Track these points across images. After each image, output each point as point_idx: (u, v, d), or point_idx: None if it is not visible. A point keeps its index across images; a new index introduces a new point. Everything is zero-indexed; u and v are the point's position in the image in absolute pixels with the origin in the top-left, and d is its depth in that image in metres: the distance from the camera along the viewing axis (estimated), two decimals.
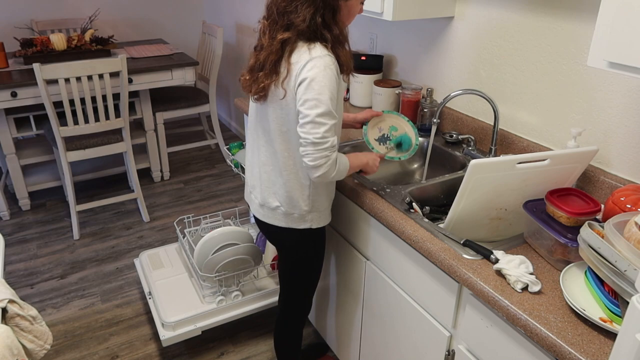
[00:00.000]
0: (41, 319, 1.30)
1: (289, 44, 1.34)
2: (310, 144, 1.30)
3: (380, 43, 2.30)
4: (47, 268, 2.71)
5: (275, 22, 1.35)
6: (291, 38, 1.33)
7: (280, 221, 1.54)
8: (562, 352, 0.97)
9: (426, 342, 1.43)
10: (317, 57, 1.31)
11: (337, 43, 1.37)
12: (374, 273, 1.61)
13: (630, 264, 0.94)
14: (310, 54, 1.32)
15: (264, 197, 1.53)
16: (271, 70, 1.36)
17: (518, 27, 1.64)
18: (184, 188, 3.56)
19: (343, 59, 1.38)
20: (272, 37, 1.35)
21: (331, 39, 1.35)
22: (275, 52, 1.34)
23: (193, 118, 4.48)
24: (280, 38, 1.33)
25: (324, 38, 1.34)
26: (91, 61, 2.64)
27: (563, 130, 1.58)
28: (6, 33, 3.72)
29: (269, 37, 1.36)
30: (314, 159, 1.31)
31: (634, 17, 0.97)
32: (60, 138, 2.70)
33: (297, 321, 1.79)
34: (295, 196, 1.48)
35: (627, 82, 1.37)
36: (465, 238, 1.29)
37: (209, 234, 2.04)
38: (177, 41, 4.29)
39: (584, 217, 1.18)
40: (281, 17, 1.34)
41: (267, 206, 1.54)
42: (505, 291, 1.11)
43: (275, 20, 1.35)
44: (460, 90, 1.63)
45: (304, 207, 1.50)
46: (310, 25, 1.31)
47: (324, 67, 1.30)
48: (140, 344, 2.23)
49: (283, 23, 1.34)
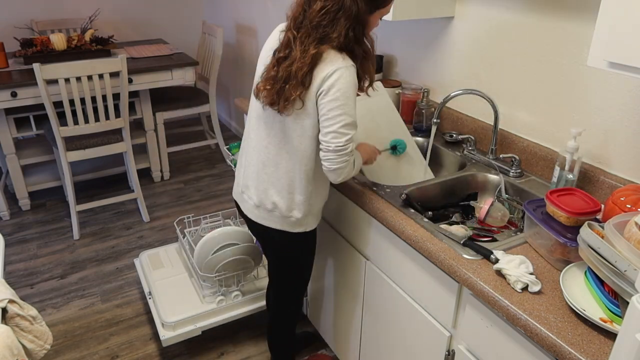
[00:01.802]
0: (41, 319, 1.30)
1: (318, 57, 1.32)
2: (331, 151, 1.34)
3: (380, 43, 2.30)
4: (47, 268, 2.71)
5: (308, 35, 1.32)
6: (322, 53, 1.32)
7: (276, 224, 1.54)
8: (562, 352, 0.97)
9: (426, 342, 1.43)
10: (343, 67, 1.31)
11: (365, 58, 1.38)
12: (374, 273, 1.61)
13: (630, 264, 0.94)
14: (335, 64, 1.31)
15: (260, 198, 1.53)
16: (301, 82, 1.33)
17: (518, 27, 1.64)
18: (184, 188, 3.56)
19: (369, 75, 1.40)
20: (305, 49, 1.32)
21: (361, 53, 1.36)
22: (308, 65, 1.31)
23: (193, 118, 4.47)
24: (314, 52, 1.31)
25: (354, 53, 1.34)
26: (91, 61, 2.64)
27: (563, 130, 1.58)
28: (6, 33, 3.72)
29: (300, 50, 1.32)
30: (335, 163, 1.36)
31: (634, 17, 0.97)
32: (60, 138, 2.70)
33: (290, 320, 1.81)
34: (295, 199, 1.49)
35: (627, 82, 1.37)
36: (465, 238, 1.29)
37: (209, 234, 2.04)
38: (177, 41, 4.29)
39: (584, 217, 1.18)
40: (315, 30, 1.31)
41: (264, 207, 1.53)
42: (505, 291, 1.11)
43: (308, 33, 1.32)
44: (460, 90, 1.64)
45: (302, 211, 1.51)
46: (343, 39, 1.31)
47: (350, 77, 1.32)
48: (140, 344, 2.23)
49: (317, 36, 1.31)
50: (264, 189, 1.51)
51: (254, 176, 1.54)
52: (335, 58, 1.32)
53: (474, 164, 1.73)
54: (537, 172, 1.65)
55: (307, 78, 1.33)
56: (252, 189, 1.55)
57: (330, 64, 1.31)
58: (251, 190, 1.56)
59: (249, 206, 1.58)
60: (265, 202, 1.52)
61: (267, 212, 1.53)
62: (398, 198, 1.50)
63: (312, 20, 1.31)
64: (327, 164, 1.37)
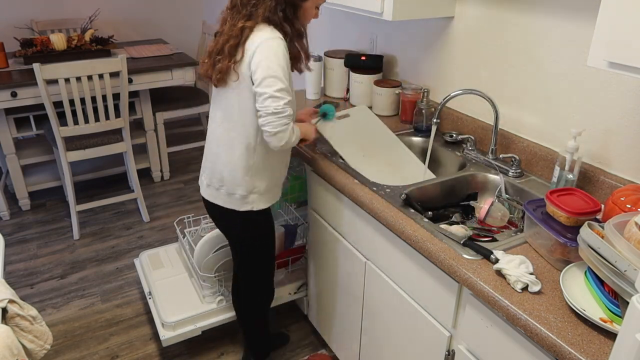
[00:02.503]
0: (41, 319, 1.30)
1: (247, 30, 1.42)
2: (270, 114, 1.40)
3: (380, 43, 2.30)
4: (47, 268, 2.71)
5: (239, 12, 1.44)
6: (250, 27, 1.41)
7: (224, 202, 1.61)
8: (562, 352, 0.97)
9: (426, 342, 1.43)
10: (270, 37, 1.40)
11: (298, 36, 1.48)
12: (374, 273, 1.61)
13: (630, 264, 0.94)
14: (262, 36, 1.40)
15: (210, 177, 1.61)
16: (229, 54, 1.44)
17: (518, 27, 1.64)
18: (184, 188, 3.56)
19: (303, 51, 1.51)
20: (233, 24, 1.44)
21: (292, 32, 1.46)
22: (235, 37, 1.42)
23: (193, 118, 4.47)
24: (241, 26, 1.41)
25: (284, 31, 1.44)
26: (91, 61, 2.64)
27: (563, 130, 1.58)
28: (6, 33, 3.72)
29: (229, 24, 1.45)
30: (274, 126, 1.41)
31: (634, 17, 0.97)
32: (60, 138, 2.70)
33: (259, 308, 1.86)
34: (237, 176, 1.55)
35: (627, 82, 1.37)
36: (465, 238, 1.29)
37: (209, 234, 2.04)
38: (177, 41, 4.29)
39: (584, 217, 1.18)
40: (244, 7, 1.43)
41: (213, 186, 1.62)
42: (505, 291, 1.11)
43: (238, 9, 1.44)
44: (460, 90, 1.64)
45: (245, 187, 1.57)
46: (270, 18, 1.41)
47: (276, 47, 1.40)
48: (140, 344, 2.23)
49: (245, 12, 1.42)
50: (213, 167, 1.60)
51: (208, 157, 1.63)
52: (264, 30, 1.42)
53: (474, 164, 1.73)
54: (537, 172, 1.65)
55: (236, 50, 1.43)
56: (207, 170, 1.64)
57: (258, 37, 1.41)
58: (206, 172, 1.64)
59: (203, 187, 1.67)
60: (213, 180, 1.61)
61: (215, 190, 1.61)
62: (398, 198, 1.50)
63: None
64: (267, 128, 1.41)
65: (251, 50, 1.41)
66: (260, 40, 1.40)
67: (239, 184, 1.57)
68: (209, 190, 1.65)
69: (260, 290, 1.84)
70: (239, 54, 1.43)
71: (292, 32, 1.47)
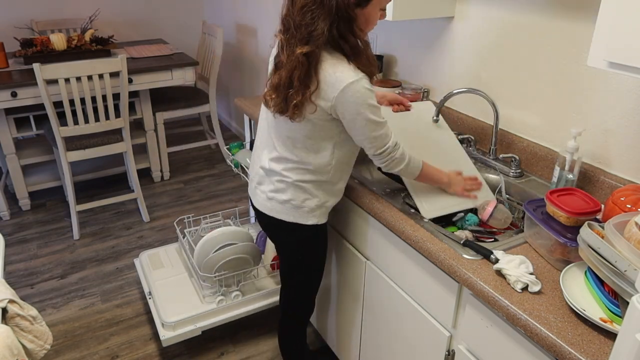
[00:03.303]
0: (41, 319, 1.30)
1: (313, 56, 1.29)
2: (375, 157, 1.41)
3: (380, 43, 2.30)
4: (47, 268, 2.71)
5: (293, 36, 1.30)
6: (314, 51, 1.28)
7: (288, 215, 1.50)
8: (562, 352, 0.97)
9: (426, 342, 1.42)
10: (351, 82, 1.28)
11: (355, 54, 1.33)
12: (374, 273, 1.61)
13: (630, 264, 0.94)
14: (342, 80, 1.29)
15: (273, 190, 1.51)
16: (302, 85, 1.31)
17: (518, 27, 1.64)
18: (184, 188, 3.56)
19: (363, 68, 1.34)
20: (291, 51, 1.30)
21: (349, 50, 1.32)
22: (301, 66, 1.29)
23: (193, 118, 4.48)
24: (300, 52, 1.28)
25: (342, 50, 1.32)
26: (91, 61, 2.64)
27: (563, 130, 1.58)
28: (6, 33, 3.72)
29: (287, 52, 1.32)
30: (383, 165, 1.42)
31: (634, 17, 0.97)
32: (60, 138, 2.70)
33: (300, 323, 1.80)
34: (308, 192, 1.47)
35: (627, 82, 1.37)
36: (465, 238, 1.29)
37: (209, 234, 2.04)
38: (177, 41, 4.29)
39: (584, 217, 1.18)
40: (298, 31, 1.28)
41: (276, 199, 1.51)
42: (505, 291, 1.11)
43: (293, 34, 1.30)
44: (461, 89, 1.63)
45: (316, 202, 1.49)
46: (329, 37, 1.28)
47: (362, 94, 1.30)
48: (140, 344, 2.23)
49: (301, 37, 1.28)
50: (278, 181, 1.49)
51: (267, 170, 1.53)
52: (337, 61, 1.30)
53: (474, 164, 1.73)
54: (537, 172, 1.65)
55: (309, 79, 1.30)
56: (266, 183, 1.53)
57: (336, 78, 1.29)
58: (265, 185, 1.54)
59: (262, 199, 1.55)
60: (278, 193, 1.50)
61: (279, 204, 1.51)
62: (398, 198, 1.50)
63: (295, 20, 1.29)
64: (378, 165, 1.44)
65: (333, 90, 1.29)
66: (344, 85, 1.28)
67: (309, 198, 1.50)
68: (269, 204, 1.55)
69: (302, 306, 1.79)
70: (313, 84, 1.30)
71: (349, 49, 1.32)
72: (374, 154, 1.40)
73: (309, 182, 1.47)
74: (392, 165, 1.42)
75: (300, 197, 1.48)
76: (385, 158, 1.40)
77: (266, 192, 1.53)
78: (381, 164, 1.43)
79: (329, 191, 1.51)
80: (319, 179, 1.47)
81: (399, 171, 1.44)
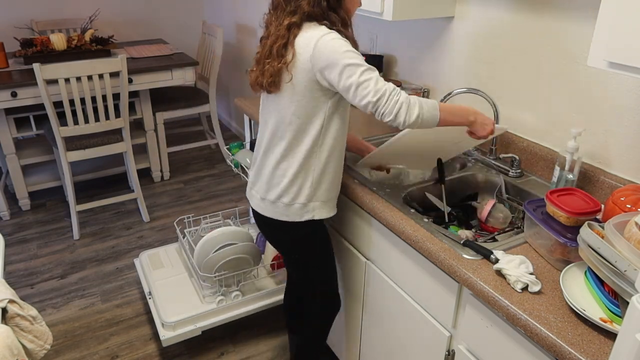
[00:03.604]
0: (41, 319, 1.30)
1: (295, 27, 1.35)
2: (373, 104, 1.28)
3: (380, 43, 2.30)
4: (47, 268, 2.71)
5: (283, 10, 1.36)
6: (297, 22, 1.34)
7: (281, 214, 1.50)
8: (562, 352, 0.97)
9: (426, 342, 1.42)
10: (324, 34, 1.32)
11: (344, 25, 1.39)
12: (374, 273, 1.61)
13: (630, 264, 0.94)
14: (316, 35, 1.32)
15: (264, 190, 1.52)
16: (278, 55, 1.36)
17: (518, 27, 1.64)
18: (184, 188, 3.56)
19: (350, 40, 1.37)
20: (279, 24, 1.37)
21: (339, 20, 1.37)
22: (282, 37, 1.35)
23: (193, 118, 4.48)
24: (288, 22, 1.34)
25: (330, 20, 1.36)
26: (91, 61, 2.64)
27: (563, 130, 1.58)
28: (6, 33, 3.72)
29: (275, 24, 1.38)
30: (388, 112, 1.27)
31: (634, 17, 0.97)
32: (60, 138, 2.70)
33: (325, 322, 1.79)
34: (298, 184, 1.46)
35: (627, 82, 1.37)
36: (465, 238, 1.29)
37: (209, 234, 2.04)
38: (177, 41, 4.29)
39: (584, 217, 1.18)
40: (288, 3, 1.35)
41: (268, 199, 1.51)
42: (505, 291, 1.11)
43: (282, 7, 1.37)
44: (461, 89, 1.64)
45: (306, 195, 1.48)
46: (315, 7, 1.34)
47: (336, 38, 1.32)
48: (140, 344, 2.23)
49: (290, 9, 1.35)
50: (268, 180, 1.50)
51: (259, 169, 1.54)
52: (313, 29, 1.34)
53: (474, 164, 1.73)
54: (537, 172, 1.65)
55: (285, 50, 1.35)
56: (259, 183, 1.55)
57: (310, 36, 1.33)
58: (258, 185, 1.55)
59: (256, 200, 1.57)
60: (269, 193, 1.51)
61: (271, 204, 1.51)
62: (398, 198, 1.50)
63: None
64: (385, 119, 1.29)
65: (308, 48, 1.32)
66: (315, 41, 1.31)
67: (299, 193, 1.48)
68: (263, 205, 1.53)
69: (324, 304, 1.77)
70: (289, 54, 1.34)
71: (339, 20, 1.37)
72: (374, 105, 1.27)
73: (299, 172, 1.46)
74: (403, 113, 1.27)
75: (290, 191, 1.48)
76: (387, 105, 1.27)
77: (259, 192, 1.55)
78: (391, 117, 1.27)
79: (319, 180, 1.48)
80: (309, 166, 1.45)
81: (418, 117, 1.28)
